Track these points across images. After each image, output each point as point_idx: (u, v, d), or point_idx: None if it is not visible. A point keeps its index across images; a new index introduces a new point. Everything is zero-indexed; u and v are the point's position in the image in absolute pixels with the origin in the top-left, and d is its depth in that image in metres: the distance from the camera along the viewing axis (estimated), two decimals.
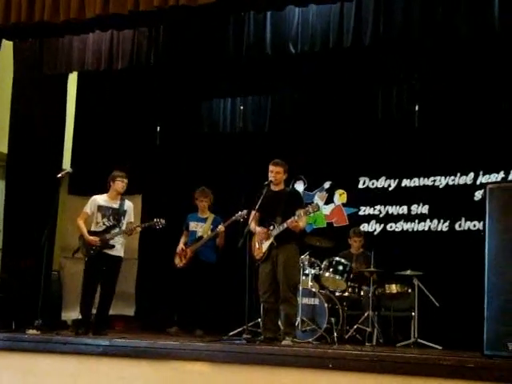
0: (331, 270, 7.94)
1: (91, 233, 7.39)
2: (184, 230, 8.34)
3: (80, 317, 7.49)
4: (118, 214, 7.45)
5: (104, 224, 7.42)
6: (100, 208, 7.47)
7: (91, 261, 7.36)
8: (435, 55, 8.46)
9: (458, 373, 4.67)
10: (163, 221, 7.63)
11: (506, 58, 8.14)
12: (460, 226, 8.82)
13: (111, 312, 7.69)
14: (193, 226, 8.29)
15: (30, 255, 7.85)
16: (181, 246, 8.24)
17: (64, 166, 8.96)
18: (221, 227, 8.06)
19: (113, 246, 7.34)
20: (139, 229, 7.62)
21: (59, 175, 7.57)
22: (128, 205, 7.60)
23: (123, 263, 7.63)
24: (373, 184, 9.49)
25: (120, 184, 7.50)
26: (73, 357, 5.97)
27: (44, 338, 6.35)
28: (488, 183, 5.59)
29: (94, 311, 7.47)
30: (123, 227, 7.44)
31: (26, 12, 7.46)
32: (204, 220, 8.29)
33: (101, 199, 7.53)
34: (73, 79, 9.50)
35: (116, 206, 7.51)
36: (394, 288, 7.88)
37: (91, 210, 7.49)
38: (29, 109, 8.78)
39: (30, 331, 6.68)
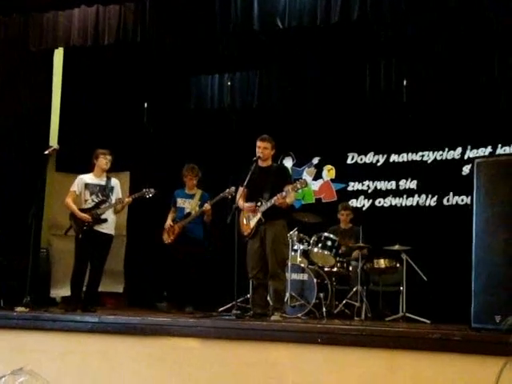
0: (320, 245, 7.96)
1: (81, 210, 7.36)
2: (172, 207, 8.32)
3: (69, 294, 7.49)
4: (105, 190, 7.44)
5: (93, 201, 7.40)
6: (87, 186, 7.45)
7: (83, 238, 7.34)
8: (423, 29, 8.43)
9: (446, 346, 4.71)
10: (153, 189, 7.64)
11: (493, 31, 8.13)
12: (448, 200, 8.86)
13: (100, 289, 7.69)
14: (180, 202, 8.26)
15: (18, 233, 7.81)
16: (169, 222, 8.22)
17: (51, 143, 8.90)
18: (206, 205, 8.03)
19: (105, 220, 7.33)
20: (130, 200, 7.57)
21: (46, 152, 7.50)
22: (115, 181, 7.60)
23: None
24: (361, 159, 9.51)
25: (103, 160, 7.47)
26: (62, 334, 5.97)
27: (33, 315, 6.33)
28: (476, 158, 5.59)
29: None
30: (113, 202, 7.44)
31: None
32: (191, 196, 8.27)
33: (87, 177, 7.51)
34: (59, 55, 9.41)
35: (103, 182, 7.50)
36: (382, 263, 7.90)
37: (79, 189, 7.46)
38: (14, 85, 8.71)
39: (19, 309, 6.66)
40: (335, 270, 8.03)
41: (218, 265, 8.81)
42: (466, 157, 8.83)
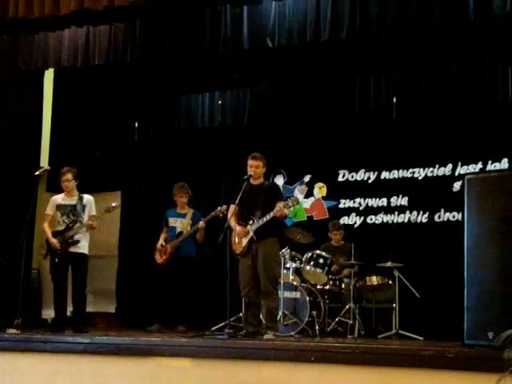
0: (312, 263, 7.95)
1: (54, 233, 7.32)
2: (163, 226, 8.30)
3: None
4: (76, 210, 7.34)
5: (64, 222, 7.33)
6: (59, 207, 7.40)
7: (59, 262, 7.30)
8: (412, 47, 8.49)
9: (439, 363, 4.69)
10: (114, 204, 7.49)
11: (481, 47, 8.20)
12: (439, 217, 8.87)
13: (92, 309, 7.66)
14: (172, 221, 8.24)
15: (8, 254, 7.78)
16: (160, 242, 8.19)
17: (42, 164, 8.89)
18: (201, 223, 8.03)
19: (77, 242, 7.26)
20: (96, 220, 7.38)
21: (37, 173, 7.49)
22: (87, 199, 7.45)
23: (103, 260, 7.60)
24: (352, 177, 9.52)
25: (62, 182, 7.40)
26: (53, 355, 5.93)
27: (24, 336, 6.30)
28: (466, 174, 5.62)
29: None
30: (85, 221, 7.33)
31: None
32: (183, 215, 8.25)
33: (59, 198, 7.47)
34: (49, 75, 9.42)
35: (74, 202, 7.39)
36: (374, 280, 7.91)
37: (52, 211, 7.42)
38: (4, 106, 8.71)
39: (10, 330, 6.62)
40: (328, 287, 8.03)
41: (210, 284, 8.78)
42: (456, 173, 8.84)
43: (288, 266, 7.97)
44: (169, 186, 8.55)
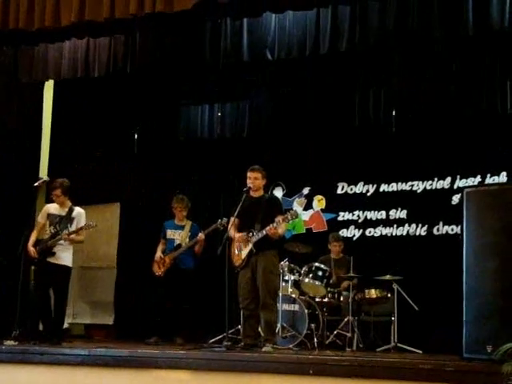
0: (311, 275, 7.94)
1: (38, 241, 7.31)
2: (161, 238, 8.28)
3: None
4: (62, 222, 7.32)
5: (51, 232, 7.32)
6: (49, 216, 7.40)
7: (38, 271, 7.33)
8: (411, 60, 8.51)
9: (437, 376, 4.69)
10: (91, 222, 7.34)
11: (479, 62, 8.22)
12: (438, 230, 8.86)
13: (90, 321, 7.64)
14: (170, 233, 8.22)
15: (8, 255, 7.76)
16: (159, 254, 8.17)
17: (41, 175, 8.89)
18: (201, 235, 8.02)
19: (53, 254, 7.21)
20: (71, 234, 7.28)
21: (36, 184, 7.51)
22: (77, 212, 7.41)
23: (101, 272, 7.54)
24: (351, 189, 9.52)
25: (51, 195, 7.42)
26: (51, 367, 5.92)
27: (21, 348, 6.28)
28: (465, 187, 5.63)
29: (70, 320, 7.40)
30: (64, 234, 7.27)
31: None
32: (181, 227, 8.24)
33: (51, 207, 7.46)
34: (49, 87, 9.44)
35: (63, 213, 7.37)
36: (373, 293, 7.89)
37: (43, 220, 7.43)
38: (4, 117, 8.71)
39: (8, 342, 6.60)
40: (326, 300, 8.01)
41: (208, 296, 8.76)
42: (455, 186, 8.84)
43: (287, 278, 7.95)
44: (168, 198, 8.55)
